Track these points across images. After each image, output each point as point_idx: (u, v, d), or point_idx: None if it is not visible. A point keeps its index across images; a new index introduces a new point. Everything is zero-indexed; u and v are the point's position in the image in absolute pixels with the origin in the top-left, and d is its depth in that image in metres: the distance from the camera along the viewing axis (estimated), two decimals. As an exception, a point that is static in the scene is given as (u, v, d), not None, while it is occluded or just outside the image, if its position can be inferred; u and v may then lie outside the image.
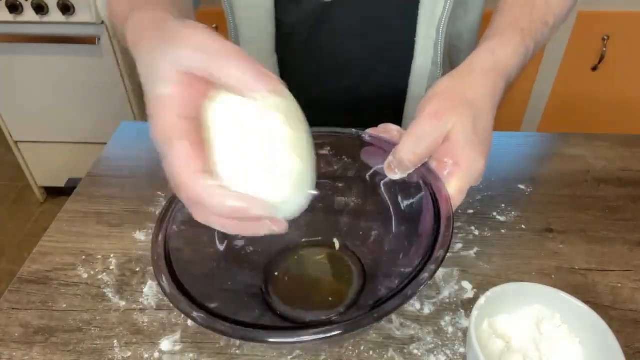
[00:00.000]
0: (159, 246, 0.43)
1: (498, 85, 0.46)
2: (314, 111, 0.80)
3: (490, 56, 0.48)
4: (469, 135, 0.43)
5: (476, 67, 0.47)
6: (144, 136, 0.72)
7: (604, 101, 1.46)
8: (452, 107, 0.43)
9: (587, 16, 1.30)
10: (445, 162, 0.43)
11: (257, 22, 0.68)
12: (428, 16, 0.64)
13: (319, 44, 0.70)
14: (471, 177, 0.43)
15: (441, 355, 0.43)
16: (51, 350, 0.44)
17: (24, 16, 1.35)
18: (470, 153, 0.43)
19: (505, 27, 0.51)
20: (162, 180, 0.36)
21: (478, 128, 0.43)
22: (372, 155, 0.51)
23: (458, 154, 0.43)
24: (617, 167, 0.66)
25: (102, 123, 1.59)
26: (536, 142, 0.73)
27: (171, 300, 0.38)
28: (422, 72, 0.69)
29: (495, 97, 0.46)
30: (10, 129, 1.63)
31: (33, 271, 0.51)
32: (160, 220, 0.44)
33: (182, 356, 0.43)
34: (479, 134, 0.43)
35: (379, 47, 0.71)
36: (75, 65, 1.46)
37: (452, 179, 0.43)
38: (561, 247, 0.54)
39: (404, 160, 0.43)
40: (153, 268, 0.41)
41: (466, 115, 0.43)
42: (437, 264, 0.38)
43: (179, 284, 0.39)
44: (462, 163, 0.43)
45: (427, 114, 0.43)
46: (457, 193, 0.43)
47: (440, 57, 0.67)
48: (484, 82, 0.46)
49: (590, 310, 0.40)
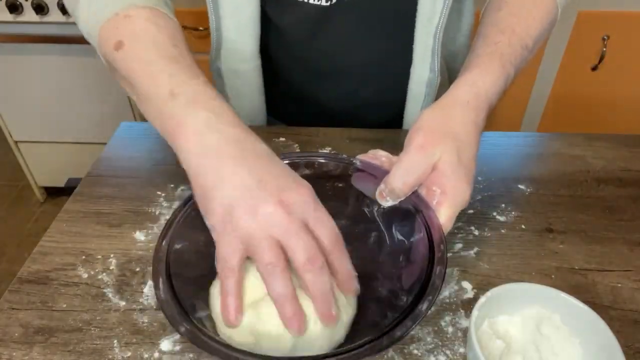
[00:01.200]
0: (161, 251, 0.43)
1: (480, 116, 0.50)
2: (311, 114, 0.81)
3: (471, 89, 0.51)
4: (454, 166, 0.46)
5: (458, 100, 0.50)
6: (144, 136, 0.72)
7: (604, 101, 1.46)
8: (437, 140, 0.47)
9: (587, 16, 1.30)
10: (434, 190, 0.46)
11: (241, 23, 0.66)
12: (425, 23, 0.64)
13: (317, 49, 0.70)
14: (458, 204, 0.46)
15: (441, 356, 0.43)
16: (51, 350, 0.44)
17: (24, 16, 1.36)
18: (457, 182, 0.46)
19: (485, 57, 0.53)
20: (162, 181, 0.36)
21: (463, 158, 0.47)
22: (362, 180, 0.53)
23: (445, 183, 0.46)
24: (617, 167, 0.66)
25: (102, 123, 1.59)
26: (536, 142, 0.73)
27: (163, 309, 0.39)
28: (421, 79, 0.69)
29: (478, 127, 0.49)
30: (10, 129, 1.63)
31: (33, 271, 0.51)
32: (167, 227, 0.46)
33: (182, 356, 0.43)
34: (464, 164, 0.47)
35: (376, 53, 0.71)
36: (75, 65, 1.46)
37: (441, 207, 0.46)
38: (561, 247, 0.54)
39: (395, 190, 0.47)
40: (152, 274, 0.42)
41: (451, 147, 0.46)
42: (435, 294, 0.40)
43: (173, 292, 0.41)
44: (449, 192, 0.46)
45: (415, 146, 0.47)
46: (447, 221, 0.46)
47: (438, 64, 0.67)
48: (467, 114, 0.49)
49: (590, 310, 0.40)
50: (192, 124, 0.43)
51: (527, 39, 0.56)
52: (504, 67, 0.52)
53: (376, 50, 0.70)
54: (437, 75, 0.68)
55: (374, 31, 0.68)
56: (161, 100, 0.45)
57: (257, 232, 0.38)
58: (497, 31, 0.56)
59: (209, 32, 0.70)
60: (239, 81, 0.72)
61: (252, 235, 0.38)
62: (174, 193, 0.61)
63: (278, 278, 0.38)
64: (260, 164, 0.42)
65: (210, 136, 0.42)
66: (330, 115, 0.77)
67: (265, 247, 0.38)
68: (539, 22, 0.57)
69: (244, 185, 0.40)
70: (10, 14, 1.34)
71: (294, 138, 0.70)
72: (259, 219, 0.38)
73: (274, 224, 0.38)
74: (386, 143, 0.69)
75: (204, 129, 0.42)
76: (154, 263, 0.43)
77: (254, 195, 0.39)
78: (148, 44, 0.49)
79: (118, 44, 0.49)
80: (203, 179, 0.41)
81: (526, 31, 0.56)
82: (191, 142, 0.42)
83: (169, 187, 0.61)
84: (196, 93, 0.45)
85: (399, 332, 0.37)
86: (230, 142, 0.42)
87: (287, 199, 0.39)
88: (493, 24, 0.57)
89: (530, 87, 1.45)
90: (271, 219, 0.38)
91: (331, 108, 0.76)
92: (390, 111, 0.76)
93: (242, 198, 0.39)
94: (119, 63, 0.50)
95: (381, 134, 0.71)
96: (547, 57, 1.39)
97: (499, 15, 0.58)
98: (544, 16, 0.58)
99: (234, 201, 0.39)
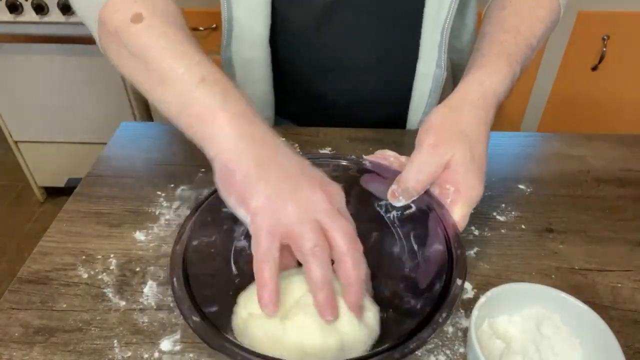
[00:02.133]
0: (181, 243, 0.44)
1: (489, 114, 0.50)
2: (317, 108, 0.80)
3: (479, 87, 0.51)
4: (467, 164, 0.47)
5: (467, 99, 0.51)
6: (144, 136, 0.72)
7: (604, 101, 1.46)
8: (449, 138, 0.48)
9: (587, 16, 1.30)
10: (447, 188, 0.47)
11: (252, 9, 0.66)
12: (433, 18, 0.64)
13: (321, 42, 0.70)
14: (472, 202, 0.47)
15: (441, 355, 0.43)
16: (51, 350, 0.44)
17: (24, 16, 1.35)
18: (470, 180, 0.47)
19: (491, 56, 0.54)
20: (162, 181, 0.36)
21: (475, 156, 0.47)
22: (372, 181, 0.53)
23: (458, 180, 0.47)
24: (617, 167, 0.66)
25: (102, 123, 1.59)
26: (536, 142, 0.73)
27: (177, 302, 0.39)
28: (427, 74, 0.69)
29: (487, 125, 0.50)
30: (10, 129, 1.63)
31: (33, 271, 0.51)
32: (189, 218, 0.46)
33: (182, 356, 0.43)
34: (476, 161, 0.47)
35: (382, 47, 0.71)
36: (75, 65, 1.46)
37: (456, 206, 0.46)
38: (561, 247, 0.54)
39: (409, 188, 0.47)
40: (169, 266, 0.42)
41: (463, 146, 0.47)
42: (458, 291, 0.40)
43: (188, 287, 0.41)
44: (462, 190, 0.46)
45: (426, 145, 0.48)
46: (461, 219, 0.46)
47: (445, 60, 0.67)
48: (476, 113, 0.50)
49: (590, 311, 0.40)
50: (231, 111, 0.43)
51: (531, 38, 0.56)
52: (510, 66, 0.53)
53: (382, 44, 0.70)
54: (444, 70, 0.68)
55: (381, 25, 0.68)
56: (191, 85, 0.44)
57: (302, 215, 0.39)
58: (502, 30, 0.56)
59: (209, 32, 0.70)
60: (249, 71, 0.72)
61: (295, 220, 0.39)
62: (174, 193, 0.61)
63: (321, 262, 0.38)
64: (298, 159, 0.44)
65: (248, 127, 0.43)
66: (335, 109, 0.76)
67: (309, 230, 0.39)
68: (542, 22, 0.58)
69: (288, 173, 0.41)
70: (10, 14, 1.34)
71: (294, 138, 0.70)
72: (303, 202, 0.40)
73: (319, 208, 0.39)
74: (386, 143, 0.69)
75: (241, 118, 0.43)
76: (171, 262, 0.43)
77: (300, 183, 0.41)
78: (169, 22, 0.48)
79: (137, 17, 0.47)
80: (244, 165, 0.41)
81: (530, 30, 0.57)
82: (228, 128, 0.43)
83: (169, 187, 0.61)
84: (227, 85, 0.45)
85: (413, 345, 0.37)
86: (267, 135, 0.44)
87: (329, 190, 0.41)
88: (497, 23, 0.58)
89: (530, 87, 1.45)
90: (316, 203, 0.40)
91: (336, 102, 0.76)
92: (395, 107, 0.76)
93: (288, 185, 0.40)
94: (133, 38, 0.47)
95: (381, 133, 0.71)
96: (547, 57, 1.39)
97: (503, 14, 0.58)
98: (547, 15, 0.59)
99: (280, 186, 0.40)
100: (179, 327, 0.45)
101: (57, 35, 1.39)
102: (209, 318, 0.38)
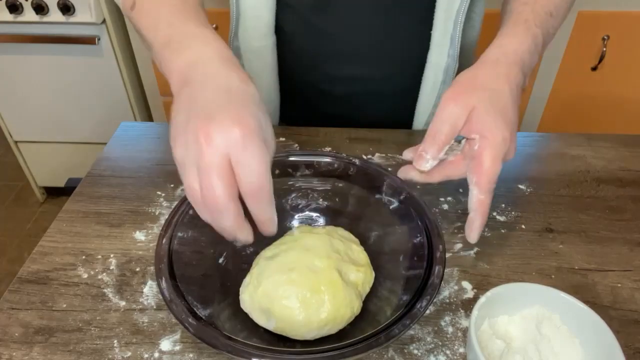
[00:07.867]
0: (162, 249, 0.44)
1: (512, 72, 0.50)
2: (325, 99, 0.79)
3: (498, 49, 0.52)
4: (488, 110, 0.47)
5: (487, 61, 0.51)
6: (144, 136, 0.72)
7: (604, 101, 1.46)
8: (467, 90, 0.48)
9: (587, 16, 1.30)
10: (473, 137, 0.47)
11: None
12: (445, 7, 0.64)
13: (320, 29, 0.69)
14: (499, 144, 0.46)
15: (441, 355, 0.43)
16: (51, 350, 0.44)
17: (24, 16, 1.35)
18: (492, 122, 0.46)
19: (509, 24, 0.55)
20: (162, 181, 0.36)
21: (496, 104, 0.47)
22: (407, 171, 0.52)
23: (481, 127, 0.47)
24: (617, 167, 0.66)
25: (102, 123, 1.59)
26: (536, 142, 0.73)
27: (168, 305, 0.40)
28: (438, 65, 0.69)
29: (510, 79, 0.50)
30: (10, 129, 1.63)
31: (33, 271, 0.51)
32: (167, 224, 0.46)
33: (182, 356, 0.43)
34: (499, 109, 0.47)
35: (392, 36, 0.70)
36: (75, 65, 1.46)
37: (484, 151, 0.46)
38: (561, 247, 0.54)
39: (435, 139, 0.48)
40: (155, 270, 0.42)
41: (481, 96, 0.48)
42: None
43: (177, 289, 0.41)
44: (487, 134, 0.46)
45: (445, 99, 0.48)
46: (491, 163, 0.46)
47: (457, 50, 0.67)
48: (496, 70, 0.50)
49: (590, 311, 0.40)
50: (177, 69, 0.44)
51: (550, 6, 0.56)
52: (528, 29, 0.53)
53: (392, 33, 0.70)
54: (456, 61, 0.68)
55: (390, 13, 0.68)
56: (159, 47, 0.46)
57: (185, 160, 0.39)
58: (520, 3, 0.57)
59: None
60: (255, 61, 0.72)
61: (184, 164, 0.39)
62: (174, 193, 0.61)
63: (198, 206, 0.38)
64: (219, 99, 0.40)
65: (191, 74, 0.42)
66: (343, 101, 0.76)
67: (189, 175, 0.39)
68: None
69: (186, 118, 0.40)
70: (10, 14, 1.34)
71: (294, 138, 0.70)
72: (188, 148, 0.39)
73: (195, 155, 0.38)
74: (387, 143, 0.69)
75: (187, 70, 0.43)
76: (156, 261, 0.43)
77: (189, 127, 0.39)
78: (157, 1, 0.51)
79: (132, 4, 0.52)
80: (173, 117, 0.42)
81: (549, 1, 0.57)
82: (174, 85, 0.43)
83: (169, 187, 0.61)
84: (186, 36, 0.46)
85: (397, 330, 0.38)
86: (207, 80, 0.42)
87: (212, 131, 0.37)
88: (515, 0, 0.58)
89: (530, 87, 1.45)
90: (193, 149, 0.38)
91: (331, 93, 0.75)
92: (404, 98, 0.75)
93: (181, 129, 0.40)
94: (134, 21, 0.53)
95: (381, 133, 0.71)
96: (547, 57, 1.39)
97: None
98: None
99: (175, 131, 0.40)
100: (179, 327, 0.45)
101: (57, 35, 1.39)
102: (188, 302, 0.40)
